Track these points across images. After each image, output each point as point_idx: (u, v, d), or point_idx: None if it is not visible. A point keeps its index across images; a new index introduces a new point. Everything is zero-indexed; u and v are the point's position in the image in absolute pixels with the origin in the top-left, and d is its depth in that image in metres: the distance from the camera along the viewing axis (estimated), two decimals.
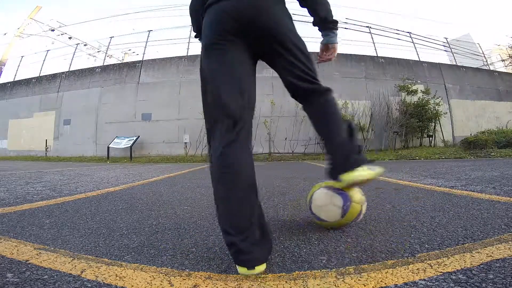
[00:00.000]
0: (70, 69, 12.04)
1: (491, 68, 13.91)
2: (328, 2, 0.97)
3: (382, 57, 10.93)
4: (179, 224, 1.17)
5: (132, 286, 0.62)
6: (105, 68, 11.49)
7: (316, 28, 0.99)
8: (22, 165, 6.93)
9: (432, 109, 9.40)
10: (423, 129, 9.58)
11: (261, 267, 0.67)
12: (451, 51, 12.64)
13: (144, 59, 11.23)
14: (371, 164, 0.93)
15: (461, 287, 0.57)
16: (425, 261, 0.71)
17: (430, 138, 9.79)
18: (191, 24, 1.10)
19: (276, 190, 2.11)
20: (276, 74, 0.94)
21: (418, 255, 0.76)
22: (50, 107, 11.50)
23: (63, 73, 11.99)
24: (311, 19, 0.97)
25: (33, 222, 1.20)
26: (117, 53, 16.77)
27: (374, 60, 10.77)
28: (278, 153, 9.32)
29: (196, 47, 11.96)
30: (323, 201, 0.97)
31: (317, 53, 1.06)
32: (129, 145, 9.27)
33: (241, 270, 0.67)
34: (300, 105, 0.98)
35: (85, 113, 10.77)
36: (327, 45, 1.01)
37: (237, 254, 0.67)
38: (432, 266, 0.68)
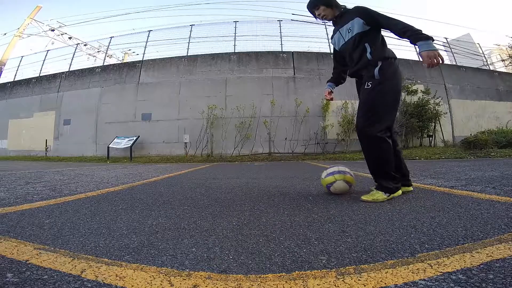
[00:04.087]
0: (70, 69, 12.03)
1: (491, 68, 13.89)
2: (403, 23, 1.41)
3: None
4: (179, 224, 1.17)
5: (132, 286, 0.62)
6: (105, 68, 11.49)
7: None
8: (22, 165, 6.93)
9: (432, 109, 9.39)
10: (423, 129, 9.58)
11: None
12: (451, 51, 12.61)
13: (144, 59, 11.22)
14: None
15: (461, 287, 0.57)
16: (425, 261, 0.71)
17: (430, 138, 9.79)
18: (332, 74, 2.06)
19: (276, 190, 2.11)
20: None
21: (418, 255, 0.76)
22: (50, 107, 11.50)
23: (63, 73, 11.98)
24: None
25: (33, 222, 1.20)
26: (117, 53, 16.79)
27: None
28: (278, 153, 9.32)
29: (196, 48, 11.96)
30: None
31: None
32: (129, 145, 9.27)
33: None
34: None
35: (85, 113, 10.77)
36: (420, 54, 1.33)
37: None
38: (432, 266, 0.68)
